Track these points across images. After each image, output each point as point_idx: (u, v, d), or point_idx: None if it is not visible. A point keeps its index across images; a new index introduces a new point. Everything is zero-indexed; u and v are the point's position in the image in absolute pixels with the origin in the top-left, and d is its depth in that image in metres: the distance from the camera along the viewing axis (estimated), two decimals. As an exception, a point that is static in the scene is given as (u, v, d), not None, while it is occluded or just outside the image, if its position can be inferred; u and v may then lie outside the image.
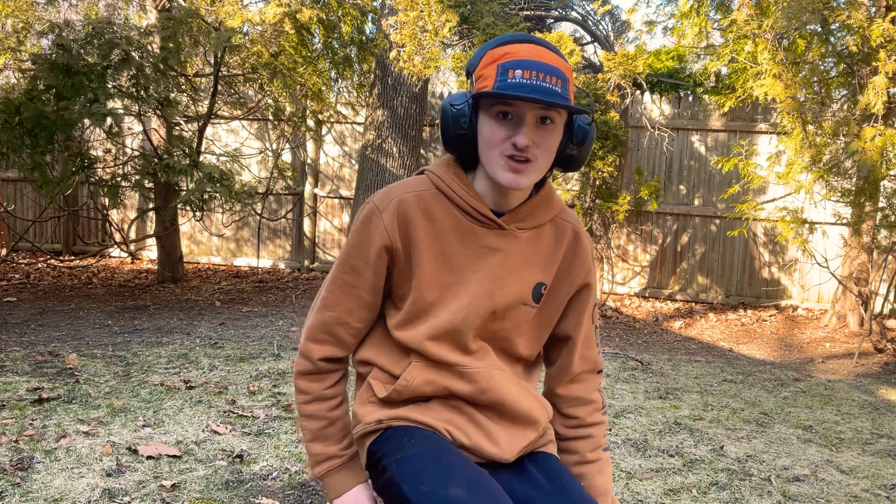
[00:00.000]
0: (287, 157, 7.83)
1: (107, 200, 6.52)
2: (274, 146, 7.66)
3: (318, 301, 1.38)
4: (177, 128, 6.33)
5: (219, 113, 6.96)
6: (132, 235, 7.79)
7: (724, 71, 7.19)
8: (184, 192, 5.69)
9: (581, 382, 1.46)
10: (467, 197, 1.31)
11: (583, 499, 1.28)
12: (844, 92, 6.29)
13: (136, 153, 6.28)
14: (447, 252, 1.32)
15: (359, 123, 7.71)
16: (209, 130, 6.85)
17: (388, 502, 1.28)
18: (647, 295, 7.45)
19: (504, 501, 1.19)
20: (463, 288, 1.32)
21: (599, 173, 6.13)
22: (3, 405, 2.92)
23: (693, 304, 7.28)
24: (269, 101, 6.86)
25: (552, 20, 8.08)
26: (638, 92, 7.10)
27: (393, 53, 6.02)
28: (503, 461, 1.34)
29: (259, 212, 7.52)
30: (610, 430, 3.08)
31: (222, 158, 6.81)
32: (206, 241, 8.09)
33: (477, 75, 1.28)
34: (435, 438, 1.30)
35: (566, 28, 8.70)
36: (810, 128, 5.68)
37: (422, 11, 5.71)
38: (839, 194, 5.91)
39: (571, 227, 1.40)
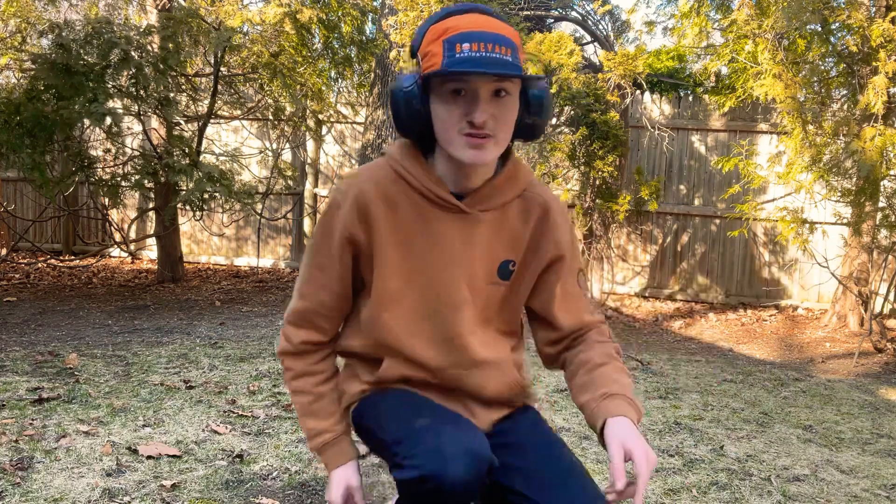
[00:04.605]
0: (287, 156, 7.83)
1: (107, 200, 6.52)
2: (274, 146, 7.66)
3: (296, 288, 1.41)
4: (177, 127, 6.33)
5: (219, 113, 6.96)
6: (132, 235, 7.79)
7: (724, 71, 7.19)
8: (183, 192, 5.69)
9: (570, 321, 1.41)
10: (426, 181, 1.29)
11: (560, 452, 1.31)
12: (844, 92, 6.29)
13: (136, 153, 6.27)
14: (410, 238, 1.31)
15: (359, 123, 7.71)
16: (209, 130, 6.85)
17: (376, 453, 1.36)
18: (647, 295, 7.45)
19: (470, 432, 1.21)
20: (428, 273, 1.31)
21: (599, 173, 6.13)
22: (3, 405, 2.92)
23: (693, 303, 7.28)
24: (270, 101, 6.86)
25: (552, 20, 8.07)
26: (638, 92, 7.09)
27: (393, 53, 6.02)
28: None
29: (259, 211, 7.52)
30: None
31: (222, 158, 6.80)
32: (207, 241, 8.09)
33: (423, 53, 1.23)
34: (408, 392, 1.35)
35: (566, 28, 8.69)
36: (810, 128, 5.68)
37: (422, 11, 5.70)
38: (839, 194, 5.91)
39: (541, 200, 1.36)
